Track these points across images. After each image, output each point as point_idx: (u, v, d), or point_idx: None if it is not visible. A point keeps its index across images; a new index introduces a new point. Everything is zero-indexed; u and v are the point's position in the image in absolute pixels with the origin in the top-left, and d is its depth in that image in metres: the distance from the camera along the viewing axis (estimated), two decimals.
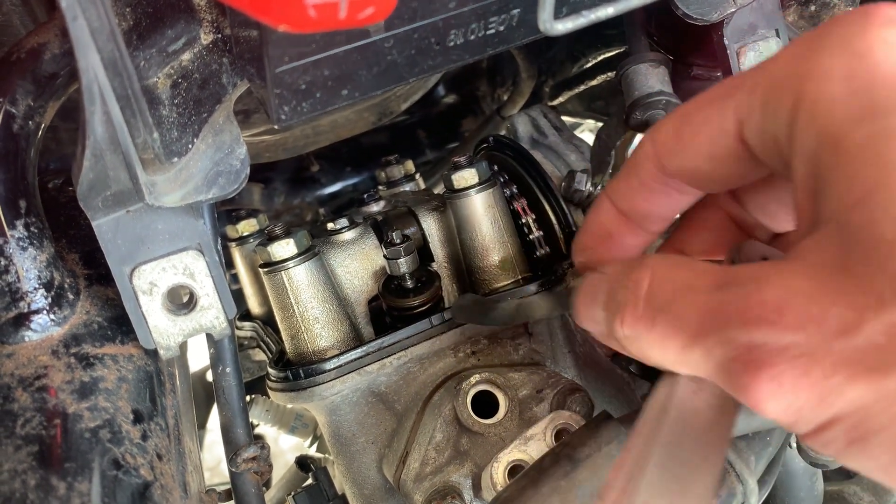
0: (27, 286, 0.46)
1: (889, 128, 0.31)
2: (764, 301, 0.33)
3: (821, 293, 0.32)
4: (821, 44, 0.35)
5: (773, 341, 0.32)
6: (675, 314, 0.36)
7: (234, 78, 0.45)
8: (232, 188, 0.46)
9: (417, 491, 0.57)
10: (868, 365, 0.30)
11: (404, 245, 0.63)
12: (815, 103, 0.34)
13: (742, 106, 0.37)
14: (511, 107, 1.14)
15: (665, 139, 0.42)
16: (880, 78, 0.33)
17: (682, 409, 0.40)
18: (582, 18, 0.38)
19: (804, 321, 0.31)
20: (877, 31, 0.34)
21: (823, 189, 0.33)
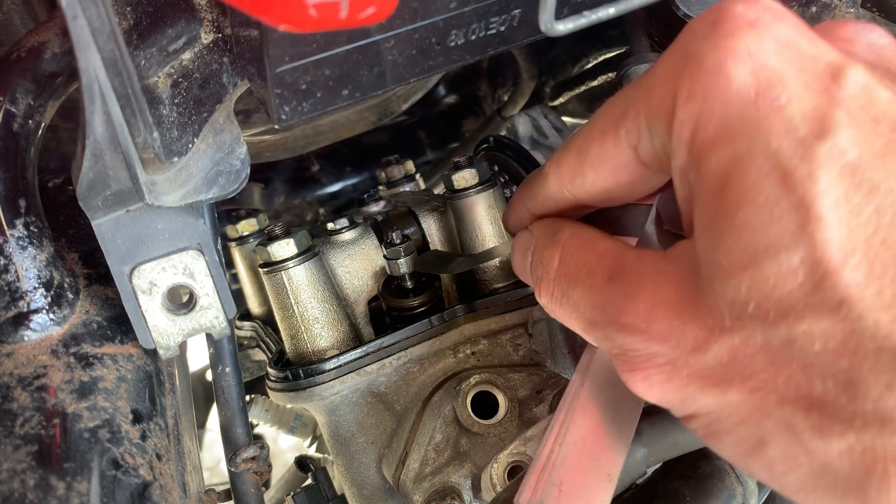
0: (27, 285, 0.46)
1: (735, 155, 0.33)
2: (637, 310, 0.37)
3: (681, 307, 0.35)
4: (684, 62, 0.35)
5: (642, 348, 0.37)
6: (575, 301, 0.42)
7: (234, 77, 0.44)
8: (232, 188, 0.46)
9: (417, 491, 0.57)
10: (715, 379, 0.35)
11: (404, 245, 0.63)
12: (681, 125, 0.35)
13: (632, 134, 0.39)
14: (512, 107, 1.14)
15: (568, 174, 0.44)
16: (731, 96, 0.33)
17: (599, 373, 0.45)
18: (583, 19, 0.38)
19: (666, 334, 0.36)
20: (725, 41, 0.34)
21: (692, 202, 0.36)
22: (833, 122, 0.31)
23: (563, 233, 0.45)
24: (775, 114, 0.32)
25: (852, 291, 0.30)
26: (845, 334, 0.30)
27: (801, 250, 0.31)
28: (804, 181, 0.31)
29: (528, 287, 0.63)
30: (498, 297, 0.63)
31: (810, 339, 0.31)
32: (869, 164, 0.30)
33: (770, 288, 0.32)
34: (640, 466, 0.48)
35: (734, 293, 0.33)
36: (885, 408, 0.30)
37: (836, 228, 0.30)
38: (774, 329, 0.32)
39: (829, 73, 0.33)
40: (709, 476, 0.51)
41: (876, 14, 0.67)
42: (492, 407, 0.59)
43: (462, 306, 0.63)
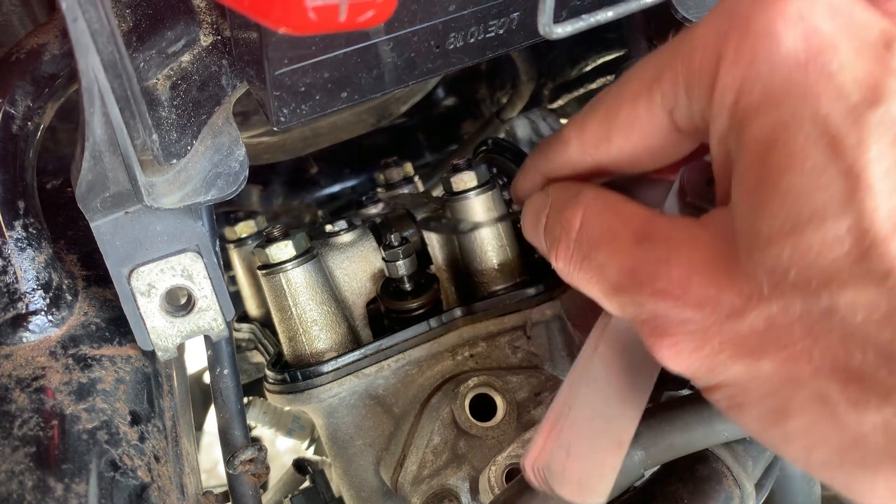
0: (25, 287, 0.46)
1: (781, 120, 0.32)
2: (671, 276, 0.36)
3: (717, 274, 0.35)
4: (731, 24, 0.34)
5: (674, 315, 0.36)
6: (599, 264, 0.40)
7: (233, 80, 0.45)
8: (231, 190, 0.46)
9: (415, 494, 0.57)
10: (748, 348, 0.34)
11: (403, 247, 0.63)
12: (724, 90, 0.34)
13: (668, 97, 0.38)
14: (510, 110, 1.14)
15: (592, 138, 0.42)
16: (779, 60, 0.33)
17: (614, 340, 0.43)
18: (581, 22, 0.38)
19: (702, 301, 0.35)
20: (775, 4, 0.33)
21: (731, 172, 0.35)
22: (886, 90, 0.31)
23: (585, 194, 0.42)
24: (826, 80, 0.32)
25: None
26: (890, 306, 0.29)
27: (849, 218, 0.30)
28: (854, 149, 0.30)
29: (527, 289, 0.64)
30: (496, 300, 0.63)
31: (853, 309, 0.30)
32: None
33: (814, 256, 0.31)
34: (637, 469, 0.48)
35: (774, 260, 0.32)
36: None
37: (886, 198, 0.29)
38: (816, 298, 0.31)
39: (883, 41, 0.32)
40: (707, 479, 0.51)
41: None
42: (490, 409, 0.59)
43: (460, 308, 0.63)
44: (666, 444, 0.48)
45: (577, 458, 0.42)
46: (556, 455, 0.42)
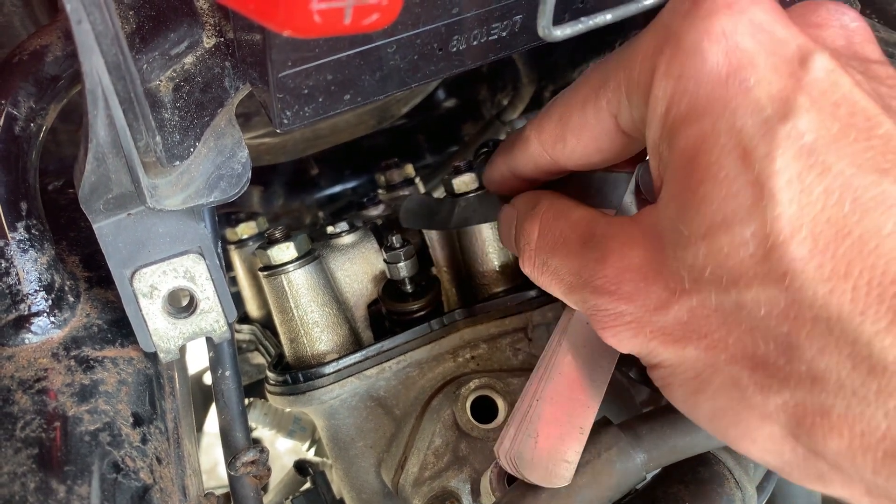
0: (28, 288, 0.46)
1: (703, 132, 0.35)
2: (606, 273, 0.41)
3: (646, 269, 0.39)
4: (665, 39, 0.37)
5: (612, 308, 0.40)
6: (554, 268, 0.45)
7: (236, 82, 0.45)
8: (234, 191, 0.46)
9: (416, 496, 0.57)
10: (675, 336, 0.38)
11: (404, 249, 0.63)
12: (657, 101, 0.37)
13: (612, 103, 0.41)
14: (511, 112, 1.14)
15: (549, 139, 0.46)
16: (704, 75, 0.35)
17: (576, 334, 0.48)
18: (581, 25, 0.38)
19: (633, 294, 0.39)
20: (703, 22, 0.35)
21: (662, 173, 0.38)
22: (796, 105, 0.33)
23: (541, 205, 0.47)
24: (743, 94, 0.34)
25: (796, 264, 0.32)
26: (787, 302, 0.33)
27: (754, 224, 0.33)
28: (762, 160, 0.33)
29: (528, 291, 0.64)
30: (498, 302, 0.63)
31: (757, 304, 0.34)
32: (824, 147, 0.32)
33: (724, 256, 0.34)
34: (639, 472, 0.48)
35: (693, 259, 0.36)
36: (816, 369, 0.32)
37: (787, 206, 0.32)
38: (726, 294, 0.35)
39: (798, 57, 0.35)
40: (708, 481, 0.51)
41: (875, 20, 0.67)
42: (491, 411, 0.59)
43: (462, 310, 0.63)
44: (668, 447, 0.48)
45: (544, 446, 0.46)
46: (526, 444, 0.46)
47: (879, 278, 0.31)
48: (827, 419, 0.33)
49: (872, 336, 0.31)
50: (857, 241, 0.31)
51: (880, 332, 0.31)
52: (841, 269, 0.31)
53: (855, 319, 0.31)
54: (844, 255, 0.31)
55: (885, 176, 0.32)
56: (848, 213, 0.32)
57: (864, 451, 0.32)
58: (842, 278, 0.31)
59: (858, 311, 0.31)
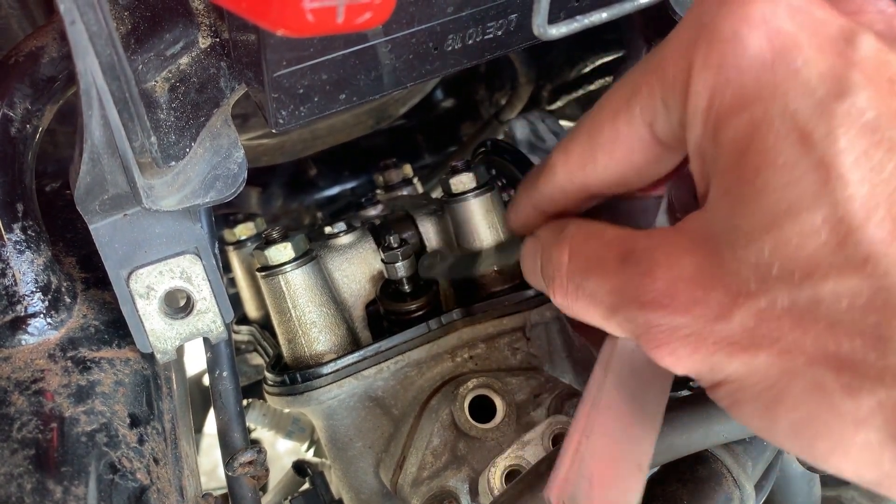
0: (24, 290, 0.46)
1: (753, 120, 0.33)
2: (656, 286, 0.37)
3: (701, 276, 0.35)
4: (698, 32, 0.35)
5: (666, 322, 0.36)
6: (591, 291, 0.41)
7: (231, 82, 0.45)
8: (230, 192, 0.46)
9: (415, 496, 0.57)
10: (742, 344, 0.34)
11: (402, 249, 0.63)
12: (697, 96, 0.35)
13: (647, 110, 0.39)
14: (509, 111, 1.14)
15: (577, 161, 0.43)
16: (747, 62, 0.34)
17: (622, 363, 0.44)
18: (576, 23, 0.38)
19: (689, 305, 0.36)
20: (739, 9, 0.34)
21: (708, 174, 0.36)
22: (850, 82, 0.31)
23: (568, 229, 0.44)
24: (792, 77, 0.32)
25: (877, 248, 0.30)
26: (872, 291, 0.30)
27: (824, 209, 0.31)
28: (823, 141, 0.31)
29: (526, 291, 0.64)
30: (496, 301, 0.63)
31: (837, 297, 0.31)
32: (888, 123, 0.31)
33: (793, 249, 0.32)
34: None
35: (757, 256, 0.33)
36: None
37: (857, 186, 0.30)
38: (800, 290, 0.32)
39: (843, 36, 0.33)
40: (706, 480, 0.51)
41: None
42: (489, 411, 0.59)
43: (460, 310, 0.63)
44: (665, 446, 0.48)
45: (600, 486, 0.42)
46: (580, 485, 0.42)
47: None
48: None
49: None
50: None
51: None
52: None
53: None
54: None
55: None
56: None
57: None
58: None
59: None
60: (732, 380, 0.36)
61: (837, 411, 0.32)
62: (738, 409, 0.36)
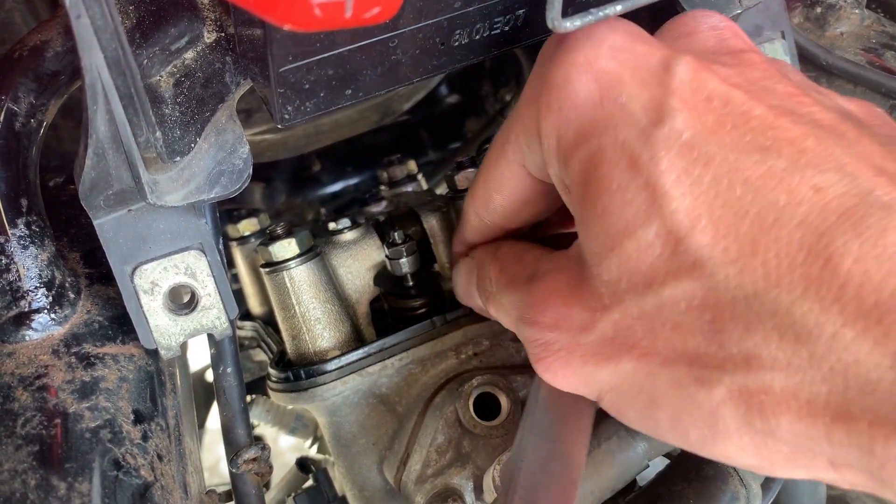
0: (28, 285, 0.46)
1: (591, 152, 0.37)
2: (534, 303, 0.41)
3: (569, 293, 0.40)
4: (541, 83, 0.40)
5: (540, 337, 0.41)
6: (505, 306, 0.46)
7: (237, 77, 0.44)
8: (234, 187, 0.45)
9: (419, 493, 0.57)
10: (606, 354, 0.38)
11: (406, 245, 0.63)
12: (547, 137, 0.39)
13: (517, 153, 0.43)
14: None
15: (481, 203, 0.48)
16: (580, 103, 0.38)
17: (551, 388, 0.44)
18: (590, 16, 0.38)
19: (557, 321, 0.40)
20: (567, 57, 0.38)
21: (568, 203, 0.40)
22: (668, 108, 0.35)
23: (501, 249, 0.49)
24: (619, 111, 0.36)
25: (703, 252, 0.33)
26: (704, 291, 0.33)
27: (655, 224, 0.34)
28: (648, 164, 0.34)
29: None
30: None
31: (675, 301, 0.34)
32: (703, 139, 0.34)
33: (634, 263, 0.35)
34: (640, 460, 0.48)
35: (608, 273, 0.36)
36: (746, 348, 0.33)
37: (681, 199, 0.33)
38: (645, 298, 0.35)
39: (662, 66, 0.37)
40: (712, 479, 0.51)
41: (880, 15, 0.67)
42: (494, 408, 0.58)
43: (464, 307, 0.63)
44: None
45: None
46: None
47: (786, 249, 0.31)
48: (772, 395, 0.32)
49: (791, 304, 0.31)
50: (756, 218, 0.32)
51: (797, 299, 0.31)
52: (747, 248, 0.32)
53: (771, 292, 0.31)
54: (747, 233, 0.32)
55: (768, 152, 0.33)
56: (741, 195, 0.32)
57: (814, 420, 0.31)
58: (749, 256, 0.32)
59: (772, 283, 0.31)
60: (608, 389, 0.39)
61: (696, 403, 0.35)
62: (624, 417, 0.40)
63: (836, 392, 0.30)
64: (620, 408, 0.40)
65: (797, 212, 0.31)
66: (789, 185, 0.32)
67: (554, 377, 0.41)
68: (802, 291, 0.31)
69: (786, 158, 0.33)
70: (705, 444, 0.36)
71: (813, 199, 0.31)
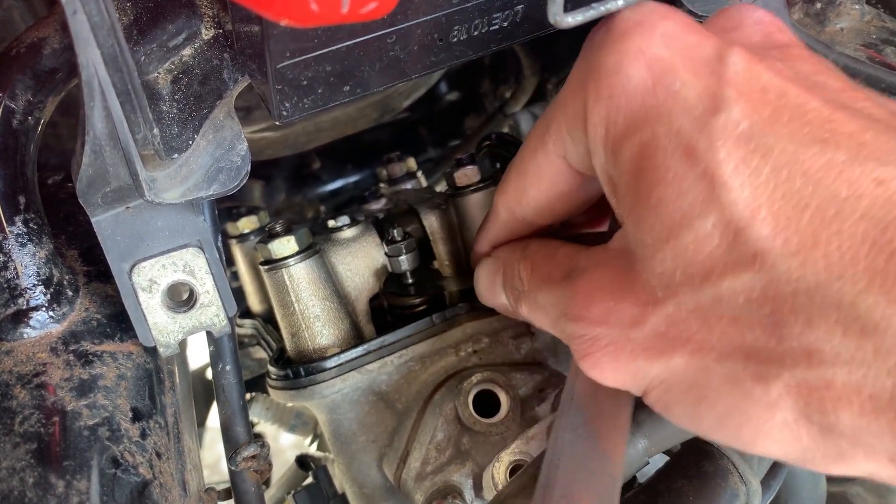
0: (26, 283, 0.46)
1: (643, 141, 0.36)
2: (577, 299, 0.41)
3: (616, 288, 0.39)
4: (588, 70, 0.39)
5: (587, 333, 0.40)
6: (542, 304, 0.45)
7: (235, 74, 0.44)
8: (233, 185, 0.45)
9: (418, 490, 0.57)
10: (658, 349, 0.37)
11: (405, 242, 0.63)
12: (594, 126, 0.38)
13: (558, 144, 0.42)
14: (514, 104, 1.13)
15: (513, 197, 0.48)
16: (632, 90, 0.37)
17: (587, 383, 0.44)
18: (592, 11, 0.38)
19: (604, 316, 0.39)
20: (618, 44, 0.38)
21: (615, 196, 0.39)
22: (724, 98, 0.34)
23: (530, 247, 0.48)
24: (672, 99, 0.36)
25: (763, 244, 0.32)
26: (763, 284, 0.33)
27: (713, 215, 0.33)
28: (706, 153, 0.34)
29: None
30: None
31: (734, 293, 0.34)
32: (761, 131, 0.33)
33: (691, 254, 0.34)
34: (641, 457, 0.48)
35: (661, 266, 0.36)
36: (808, 342, 0.32)
37: (740, 190, 0.33)
38: (701, 291, 0.35)
39: (715, 56, 0.36)
40: (712, 475, 0.51)
41: (881, 10, 0.66)
42: (494, 406, 0.58)
43: (464, 304, 0.63)
44: (668, 431, 0.48)
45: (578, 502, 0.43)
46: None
47: (848, 241, 0.31)
48: (833, 390, 0.32)
49: (855, 297, 0.30)
50: (816, 210, 0.32)
51: (861, 292, 0.30)
52: (808, 240, 0.32)
53: (834, 285, 0.31)
54: (808, 225, 0.32)
55: (827, 145, 0.32)
56: (801, 186, 0.32)
57: (878, 416, 0.31)
58: (811, 248, 0.31)
59: (835, 276, 0.31)
60: (657, 384, 0.39)
61: (752, 398, 0.35)
62: (669, 412, 0.39)
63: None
64: (668, 403, 0.39)
65: (859, 204, 0.31)
66: (850, 177, 0.31)
67: (602, 373, 0.40)
68: (867, 284, 0.30)
69: (845, 151, 0.32)
70: (757, 441, 0.35)
71: (875, 192, 0.31)
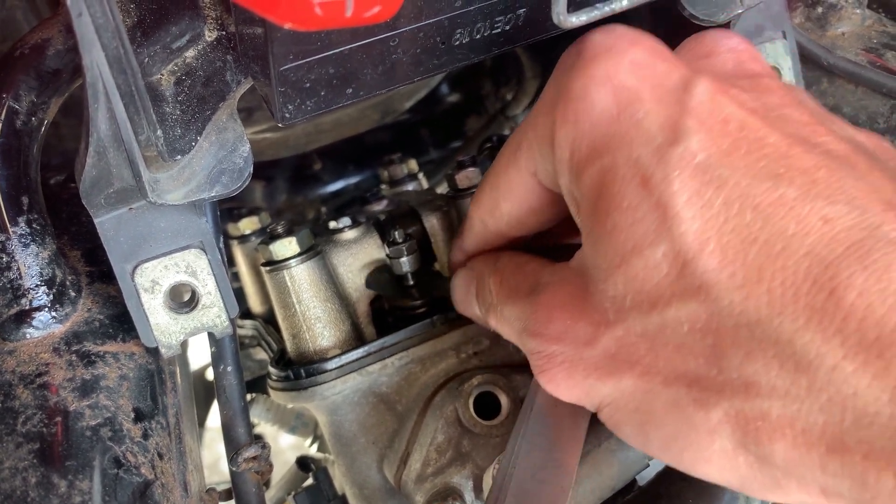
0: (29, 283, 0.46)
1: (604, 168, 0.37)
2: (538, 316, 0.42)
3: (573, 307, 0.40)
4: (558, 93, 0.39)
5: (544, 350, 0.41)
6: (507, 318, 0.46)
7: (237, 75, 0.44)
8: (235, 186, 0.45)
9: (418, 492, 0.57)
10: (608, 369, 0.38)
11: (406, 244, 0.63)
12: (560, 148, 0.39)
13: (529, 161, 0.43)
14: (515, 106, 1.13)
15: (487, 210, 0.48)
16: (596, 117, 0.37)
17: (547, 395, 0.44)
18: (596, 11, 0.38)
19: (561, 334, 0.40)
20: (587, 69, 0.38)
21: (578, 216, 0.40)
22: (684, 129, 0.35)
23: (501, 260, 0.49)
24: (634, 127, 0.36)
25: (709, 276, 0.33)
26: (707, 314, 0.33)
27: (663, 245, 0.34)
28: (661, 184, 0.34)
29: None
30: None
31: (679, 322, 0.34)
32: (718, 162, 0.34)
33: (640, 281, 0.35)
34: (641, 460, 0.48)
35: (613, 290, 0.37)
36: (746, 374, 0.33)
37: (690, 222, 0.33)
38: (649, 317, 0.35)
39: (681, 85, 0.36)
40: None
41: (882, 15, 0.67)
42: (494, 408, 0.58)
43: None
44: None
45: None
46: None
47: (791, 278, 0.31)
48: (768, 422, 0.33)
49: (793, 334, 0.31)
50: (764, 245, 0.32)
51: (799, 329, 0.31)
52: (753, 275, 0.32)
53: (774, 321, 0.32)
54: (754, 260, 0.32)
55: (780, 180, 0.33)
56: (751, 221, 0.33)
57: (809, 449, 0.32)
58: (755, 283, 0.32)
59: (776, 312, 0.32)
60: (608, 403, 0.40)
61: (693, 424, 0.35)
62: (619, 430, 0.40)
63: (832, 423, 0.31)
64: (618, 422, 0.40)
65: (805, 241, 0.31)
66: (799, 214, 0.32)
67: (557, 388, 0.41)
68: (805, 321, 0.31)
69: (797, 187, 0.33)
70: (698, 465, 0.36)
71: (821, 229, 0.31)
